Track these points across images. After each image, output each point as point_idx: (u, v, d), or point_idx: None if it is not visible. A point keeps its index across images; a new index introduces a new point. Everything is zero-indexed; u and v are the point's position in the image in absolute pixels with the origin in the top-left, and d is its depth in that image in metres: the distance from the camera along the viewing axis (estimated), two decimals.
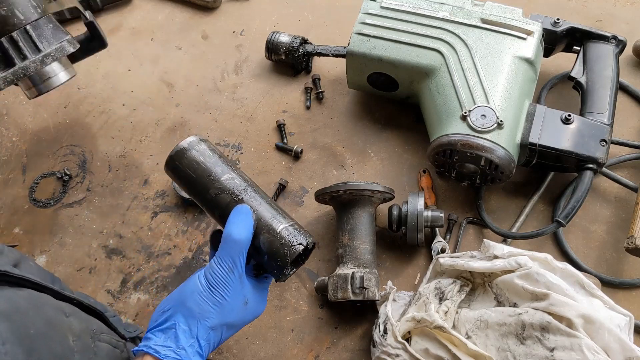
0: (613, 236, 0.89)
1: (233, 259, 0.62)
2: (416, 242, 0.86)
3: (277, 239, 0.65)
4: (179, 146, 0.68)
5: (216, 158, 0.69)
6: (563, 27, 0.94)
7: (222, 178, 0.67)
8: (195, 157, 0.68)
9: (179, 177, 0.69)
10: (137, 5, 1.22)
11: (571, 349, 0.66)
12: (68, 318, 0.60)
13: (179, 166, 0.68)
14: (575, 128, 0.85)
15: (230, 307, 0.63)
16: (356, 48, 0.94)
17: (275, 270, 0.65)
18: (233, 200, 0.66)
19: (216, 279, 0.62)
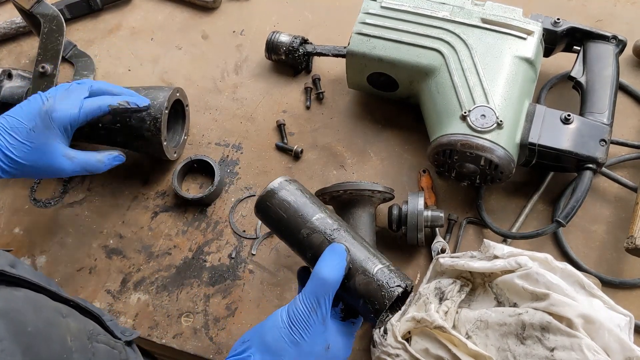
0: (613, 236, 0.89)
1: (318, 298, 0.60)
2: (416, 242, 0.86)
3: (373, 280, 0.63)
4: (269, 187, 0.69)
5: (306, 198, 0.69)
6: (563, 27, 0.94)
7: (313, 218, 0.67)
8: (286, 197, 0.68)
9: (269, 218, 0.69)
10: (137, 5, 1.22)
11: (571, 348, 0.66)
12: (65, 318, 0.60)
13: (270, 207, 0.68)
14: (575, 128, 0.85)
15: (309, 349, 0.60)
16: (356, 48, 0.94)
17: (372, 315, 0.63)
18: (326, 240, 0.65)
19: (297, 317, 0.60)
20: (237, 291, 0.92)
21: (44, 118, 0.78)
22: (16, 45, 1.20)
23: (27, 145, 0.77)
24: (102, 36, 1.19)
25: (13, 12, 1.18)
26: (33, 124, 0.77)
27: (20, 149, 0.77)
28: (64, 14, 1.17)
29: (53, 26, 0.98)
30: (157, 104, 0.92)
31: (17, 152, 0.77)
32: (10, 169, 0.77)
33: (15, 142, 0.77)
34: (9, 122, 0.78)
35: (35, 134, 0.77)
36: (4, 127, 0.77)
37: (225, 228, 0.97)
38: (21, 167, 0.78)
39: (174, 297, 0.92)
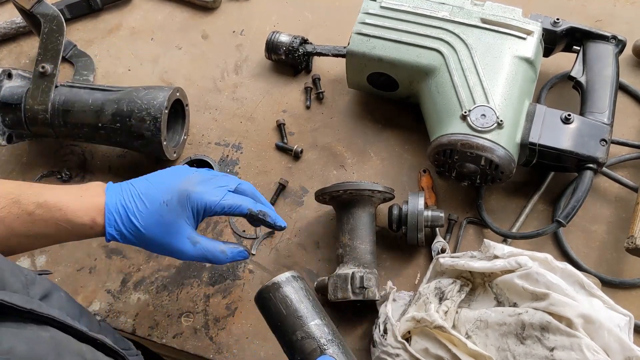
0: (613, 236, 0.89)
1: None
2: (416, 242, 0.86)
3: None
4: (275, 280, 0.68)
5: (309, 301, 0.68)
6: (563, 26, 0.94)
7: (311, 322, 0.66)
8: (289, 294, 0.67)
9: (267, 310, 0.69)
10: (137, 5, 1.22)
11: (571, 348, 0.66)
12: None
13: (272, 299, 0.67)
14: (575, 128, 0.85)
15: None
16: (356, 48, 0.94)
17: None
18: (318, 348, 0.64)
19: None
20: (237, 291, 0.91)
21: (182, 195, 0.73)
22: (16, 45, 1.20)
23: (155, 217, 0.72)
24: (102, 36, 1.19)
25: (13, 12, 1.18)
26: (168, 197, 0.73)
27: (147, 218, 0.72)
28: (64, 14, 1.17)
29: (53, 26, 0.98)
30: (157, 104, 0.92)
31: (143, 221, 0.72)
32: (130, 235, 0.72)
33: (145, 210, 0.72)
34: (145, 188, 0.74)
35: (167, 208, 0.72)
36: (139, 192, 0.73)
37: (225, 228, 0.97)
38: (141, 237, 0.73)
39: (174, 297, 0.92)
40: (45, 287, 0.63)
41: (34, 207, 0.68)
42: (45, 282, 0.63)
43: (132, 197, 0.72)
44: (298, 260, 0.93)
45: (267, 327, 0.88)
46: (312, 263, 0.92)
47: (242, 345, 0.87)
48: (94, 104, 0.95)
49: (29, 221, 0.67)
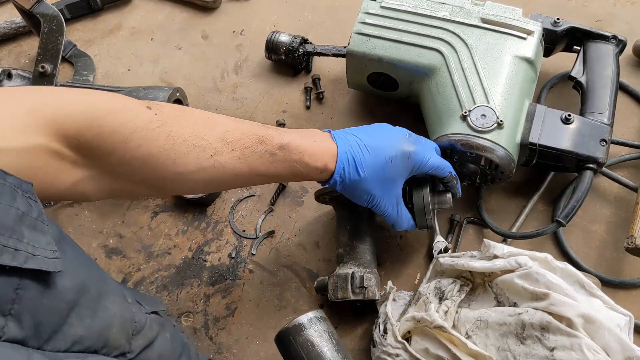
0: (613, 236, 0.89)
1: None
2: (426, 225, 0.83)
3: None
4: (298, 321, 0.65)
5: (332, 344, 0.66)
6: (563, 26, 0.94)
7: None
8: (311, 338, 0.65)
9: (289, 353, 0.66)
10: (137, 5, 1.22)
11: (571, 348, 0.66)
12: None
13: (293, 342, 0.65)
14: (575, 128, 0.85)
15: None
16: (356, 48, 0.94)
17: None
18: None
19: None
20: (237, 291, 0.92)
21: (404, 154, 0.74)
22: (16, 45, 1.20)
23: (379, 172, 0.73)
24: (102, 36, 1.19)
25: (13, 12, 1.18)
26: (393, 154, 0.73)
27: (372, 171, 0.72)
28: (64, 14, 1.17)
29: (53, 26, 0.98)
30: None
31: (368, 173, 0.72)
32: (350, 183, 0.72)
33: (371, 163, 0.72)
34: (370, 141, 0.73)
35: (392, 164, 0.73)
36: (365, 144, 0.73)
37: (225, 228, 0.97)
38: (358, 187, 0.73)
39: (173, 296, 0.92)
40: (151, 335, 0.58)
41: (277, 149, 0.68)
42: (154, 328, 0.59)
43: (359, 148, 0.72)
44: (298, 260, 0.93)
45: (267, 327, 0.88)
46: (312, 263, 0.92)
47: (242, 345, 0.87)
48: None
49: (270, 161, 0.68)
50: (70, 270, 0.47)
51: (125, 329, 0.53)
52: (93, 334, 0.48)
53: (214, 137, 0.64)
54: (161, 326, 0.61)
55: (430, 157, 0.76)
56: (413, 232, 0.93)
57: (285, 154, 0.69)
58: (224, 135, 0.65)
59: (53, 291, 0.45)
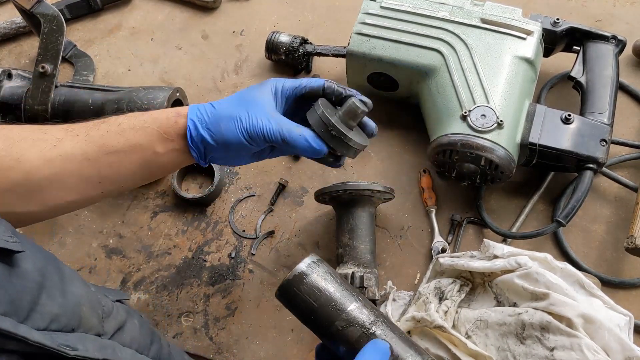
0: (613, 236, 0.89)
1: None
2: (342, 144, 0.69)
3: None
4: (298, 270, 0.61)
5: (338, 284, 0.61)
6: (563, 27, 0.94)
7: (349, 308, 0.59)
8: (316, 283, 0.60)
9: (297, 305, 0.61)
10: (136, 5, 1.22)
11: (571, 348, 0.66)
12: None
13: (298, 294, 0.60)
14: (575, 128, 0.85)
15: None
16: (356, 48, 0.94)
17: None
18: (364, 334, 0.58)
19: None
20: (237, 291, 0.91)
21: (261, 83, 0.70)
22: (16, 45, 1.20)
23: (233, 98, 0.68)
24: (102, 36, 1.19)
25: (13, 12, 1.18)
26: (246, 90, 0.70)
27: (225, 100, 0.68)
28: (64, 14, 1.17)
29: (53, 26, 0.98)
30: (157, 104, 0.92)
31: (217, 104, 0.68)
32: (208, 117, 0.67)
33: (223, 100, 0.68)
34: None
35: (247, 90, 0.69)
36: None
37: (225, 228, 0.97)
38: (217, 118, 0.67)
39: (174, 296, 0.92)
40: (120, 319, 0.60)
41: (123, 118, 0.66)
42: (121, 313, 0.61)
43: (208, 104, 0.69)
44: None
45: (267, 327, 0.88)
46: None
47: (242, 345, 0.87)
48: (94, 104, 0.95)
49: (117, 132, 0.65)
50: (30, 256, 0.50)
51: (95, 310, 0.56)
52: (67, 311, 0.51)
53: (56, 129, 0.63)
54: (128, 313, 0.63)
55: (286, 80, 0.71)
56: (413, 232, 0.93)
57: (131, 120, 0.66)
58: (67, 126, 0.64)
59: (18, 271, 0.47)
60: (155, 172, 0.70)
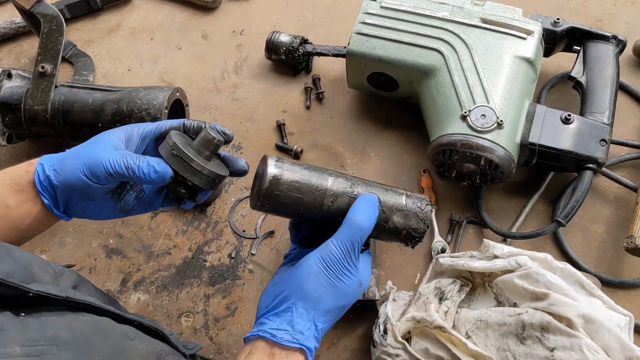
0: (613, 236, 0.89)
1: (353, 243, 0.63)
2: (201, 177, 0.67)
3: (409, 213, 0.68)
4: (270, 175, 0.63)
5: (307, 169, 0.66)
6: (563, 26, 0.94)
7: (328, 184, 0.66)
8: (292, 177, 0.64)
9: (282, 205, 0.64)
10: (136, 5, 1.22)
11: (571, 348, 0.66)
12: (133, 341, 0.59)
13: (280, 194, 0.63)
14: (575, 128, 0.85)
15: (346, 289, 0.64)
16: (356, 48, 0.94)
17: (417, 239, 0.70)
18: (351, 198, 0.66)
19: (333, 262, 0.63)
20: (237, 291, 0.91)
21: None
22: (16, 45, 1.20)
23: (82, 145, 0.67)
24: (102, 36, 1.19)
25: (13, 12, 1.18)
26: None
27: (74, 148, 0.67)
28: (64, 14, 1.17)
29: (53, 26, 0.98)
30: (157, 104, 0.92)
31: (70, 149, 0.67)
32: (56, 162, 0.66)
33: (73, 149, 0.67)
34: None
35: (95, 137, 0.68)
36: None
37: (225, 228, 0.97)
38: (64, 160, 0.66)
39: (174, 297, 0.92)
40: (73, 278, 0.63)
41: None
42: (73, 274, 0.63)
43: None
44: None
45: None
46: None
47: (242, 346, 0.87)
48: (93, 104, 0.95)
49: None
50: None
51: (45, 270, 0.57)
52: (18, 269, 0.53)
53: None
54: (80, 278, 0.65)
55: (146, 124, 0.71)
56: None
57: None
58: None
59: None
60: (12, 231, 0.67)
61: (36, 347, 0.46)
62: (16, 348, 0.44)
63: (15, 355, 0.44)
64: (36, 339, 0.47)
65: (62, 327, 0.50)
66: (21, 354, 0.44)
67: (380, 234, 0.69)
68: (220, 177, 0.68)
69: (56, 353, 0.47)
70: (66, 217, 0.69)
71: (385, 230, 0.68)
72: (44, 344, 0.47)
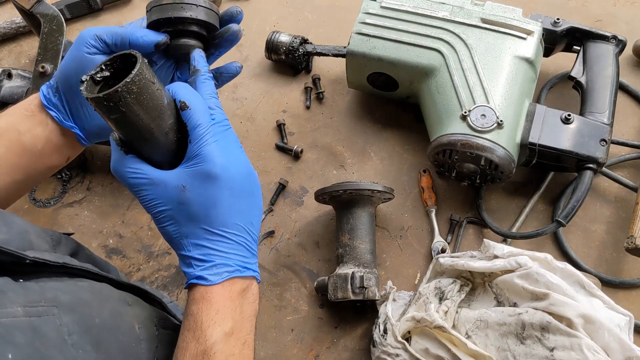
0: (613, 236, 0.89)
1: None
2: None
3: None
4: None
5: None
6: (563, 26, 0.94)
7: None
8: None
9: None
10: (137, 5, 1.22)
11: (571, 348, 0.66)
12: (131, 307, 0.59)
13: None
14: (575, 128, 0.85)
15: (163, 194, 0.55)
16: (356, 48, 0.94)
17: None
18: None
19: None
20: None
21: None
22: (16, 45, 1.20)
23: None
24: None
25: (13, 12, 1.18)
26: None
27: None
28: (64, 14, 1.18)
29: (53, 26, 0.98)
30: None
31: None
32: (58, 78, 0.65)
33: None
34: None
35: None
36: None
37: None
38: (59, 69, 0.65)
39: (174, 297, 0.92)
40: (71, 246, 0.63)
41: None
42: (71, 241, 0.63)
43: None
44: (298, 260, 0.93)
45: (267, 327, 0.88)
46: (312, 263, 0.92)
47: None
48: None
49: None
50: None
51: (42, 238, 0.57)
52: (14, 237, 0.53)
53: None
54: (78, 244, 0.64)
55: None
56: (413, 232, 0.93)
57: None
58: None
59: None
60: (27, 157, 0.66)
61: (37, 307, 0.46)
62: (18, 308, 0.45)
63: (17, 315, 0.44)
64: (36, 300, 0.47)
65: (62, 290, 0.51)
66: (23, 314, 0.45)
67: None
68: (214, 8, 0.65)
69: (57, 314, 0.48)
70: (78, 130, 0.67)
71: None
72: (45, 305, 0.47)
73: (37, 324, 0.45)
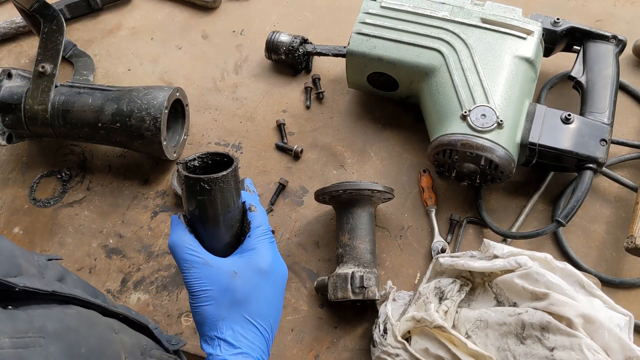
0: (613, 236, 0.89)
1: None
2: None
3: None
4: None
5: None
6: (563, 26, 0.94)
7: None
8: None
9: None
10: (136, 5, 1.22)
11: (571, 348, 0.66)
12: (118, 334, 0.60)
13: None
14: (575, 128, 0.85)
15: (218, 293, 0.60)
16: (356, 48, 0.94)
17: None
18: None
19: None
20: None
21: None
22: (16, 45, 1.20)
23: None
24: (102, 36, 1.19)
25: (13, 12, 1.18)
26: None
27: None
28: (64, 14, 1.18)
29: (53, 26, 0.98)
30: (157, 104, 0.93)
31: None
32: None
33: None
34: None
35: None
36: None
37: None
38: None
39: (173, 296, 0.92)
40: (58, 271, 0.64)
41: None
42: (57, 267, 0.65)
43: None
44: (298, 260, 0.93)
45: None
46: (312, 263, 0.92)
47: None
48: (93, 103, 0.95)
49: None
50: None
51: (30, 262, 0.59)
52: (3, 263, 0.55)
53: None
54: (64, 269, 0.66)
55: None
56: (413, 232, 0.93)
57: None
58: None
59: None
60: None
61: (24, 338, 0.47)
62: (5, 339, 0.45)
63: (4, 346, 0.45)
64: (24, 330, 0.47)
65: (50, 319, 0.51)
66: (10, 345, 0.45)
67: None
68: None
69: (44, 345, 0.48)
70: None
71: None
72: (32, 336, 0.48)
73: (24, 355, 0.46)
